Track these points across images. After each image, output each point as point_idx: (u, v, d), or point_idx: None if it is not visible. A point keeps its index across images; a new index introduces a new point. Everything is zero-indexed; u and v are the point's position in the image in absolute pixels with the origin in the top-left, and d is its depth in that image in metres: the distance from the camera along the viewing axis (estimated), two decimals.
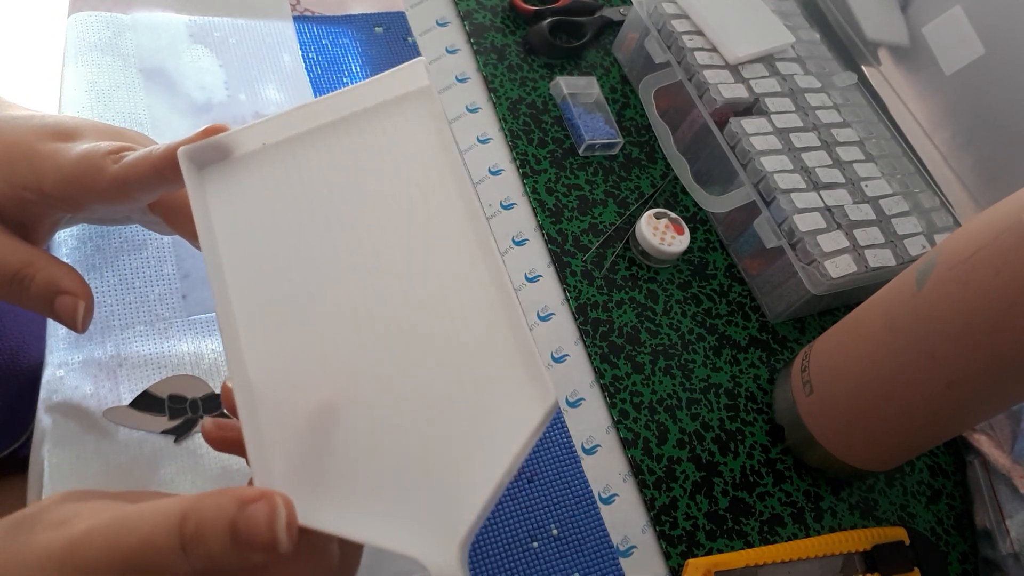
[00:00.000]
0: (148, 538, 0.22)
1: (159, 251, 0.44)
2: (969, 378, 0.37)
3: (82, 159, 0.32)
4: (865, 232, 0.51)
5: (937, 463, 0.51)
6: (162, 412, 0.39)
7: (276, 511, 0.22)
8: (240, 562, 0.22)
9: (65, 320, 0.33)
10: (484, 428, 0.25)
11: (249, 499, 0.22)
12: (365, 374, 0.26)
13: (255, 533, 0.22)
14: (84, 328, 0.34)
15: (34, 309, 0.34)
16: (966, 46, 0.59)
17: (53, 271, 0.33)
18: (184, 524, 0.22)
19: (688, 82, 0.57)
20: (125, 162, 0.32)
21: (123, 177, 0.31)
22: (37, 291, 0.32)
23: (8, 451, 0.53)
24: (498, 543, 0.40)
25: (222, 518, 0.22)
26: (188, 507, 0.22)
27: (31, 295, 0.33)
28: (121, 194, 0.32)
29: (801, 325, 0.54)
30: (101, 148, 0.32)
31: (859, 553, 0.44)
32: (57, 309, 0.33)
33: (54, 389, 0.38)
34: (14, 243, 0.32)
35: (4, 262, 0.32)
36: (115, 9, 0.53)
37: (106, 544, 0.22)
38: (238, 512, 0.22)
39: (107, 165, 0.32)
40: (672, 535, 0.43)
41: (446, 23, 0.62)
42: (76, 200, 0.32)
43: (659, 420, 0.47)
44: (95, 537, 0.22)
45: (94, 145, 0.33)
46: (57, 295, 0.33)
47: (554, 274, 0.51)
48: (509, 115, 0.57)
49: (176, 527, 0.22)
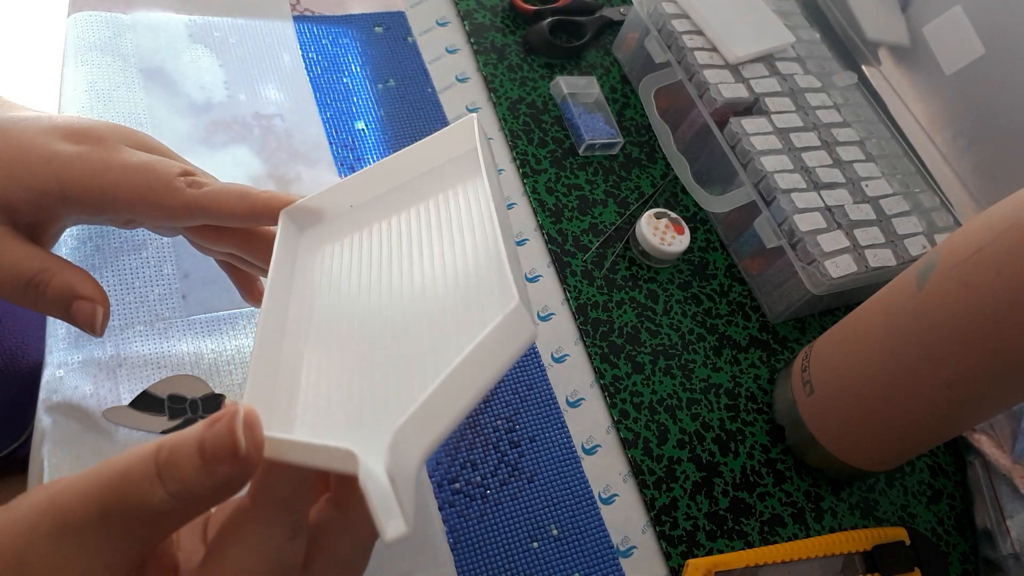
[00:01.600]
0: (123, 471, 0.22)
1: (159, 251, 0.44)
2: (969, 378, 0.37)
3: (147, 172, 0.32)
4: (865, 232, 0.51)
5: (937, 463, 0.51)
6: (162, 412, 0.39)
7: (235, 416, 0.22)
8: (211, 480, 0.22)
9: (82, 325, 0.34)
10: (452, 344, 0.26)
11: (215, 419, 0.23)
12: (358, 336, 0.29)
13: (219, 443, 0.22)
14: (102, 332, 0.34)
15: (50, 313, 0.34)
16: (966, 46, 0.59)
17: (68, 276, 0.33)
18: (158, 452, 0.22)
19: (688, 82, 0.57)
20: (209, 191, 0.33)
21: (203, 205, 0.33)
22: (53, 296, 0.33)
23: (8, 451, 0.53)
24: (498, 543, 0.40)
25: (192, 438, 0.22)
26: (164, 438, 0.22)
27: (47, 300, 0.33)
28: (189, 218, 0.33)
29: (801, 325, 0.54)
30: (172, 168, 0.33)
31: (859, 553, 0.44)
32: (74, 314, 0.33)
33: (54, 389, 0.38)
34: (28, 248, 0.32)
35: (19, 268, 0.32)
36: (115, 9, 0.53)
37: (85, 485, 0.22)
38: (205, 430, 0.22)
39: (182, 187, 0.33)
40: (672, 535, 0.43)
41: (446, 23, 0.62)
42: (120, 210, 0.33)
43: (659, 420, 0.47)
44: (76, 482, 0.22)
45: (158, 159, 0.33)
46: (73, 300, 0.33)
47: (554, 274, 0.51)
48: (509, 115, 0.57)
49: (151, 456, 0.22)
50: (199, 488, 0.22)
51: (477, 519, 0.41)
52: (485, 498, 0.41)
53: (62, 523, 0.21)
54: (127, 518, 0.22)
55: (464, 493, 0.41)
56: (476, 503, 0.41)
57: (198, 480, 0.22)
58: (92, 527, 0.22)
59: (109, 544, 0.22)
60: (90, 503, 0.22)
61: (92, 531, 0.22)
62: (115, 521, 0.22)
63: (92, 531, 0.22)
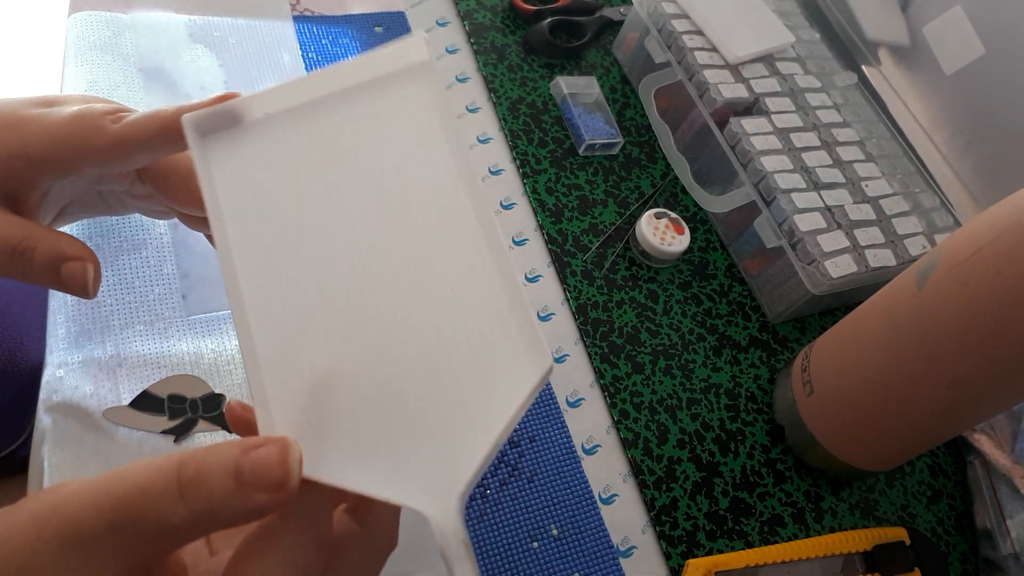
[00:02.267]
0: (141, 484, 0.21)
1: (159, 251, 0.44)
2: (969, 378, 0.37)
3: (77, 117, 0.31)
4: (865, 232, 0.51)
5: (937, 463, 0.51)
6: (162, 412, 0.39)
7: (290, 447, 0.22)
8: (244, 505, 0.21)
9: (74, 287, 0.33)
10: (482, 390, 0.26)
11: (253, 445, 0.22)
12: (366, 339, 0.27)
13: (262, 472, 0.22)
14: (94, 293, 0.33)
15: (39, 282, 0.33)
16: (966, 46, 0.59)
17: (54, 239, 0.32)
18: (182, 468, 0.21)
19: (688, 82, 0.57)
20: (127, 121, 0.31)
21: (125, 136, 0.31)
22: (41, 261, 0.32)
23: (8, 451, 0.53)
24: (498, 543, 0.40)
25: (225, 459, 0.22)
26: (186, 455, 0.22)
27: (34, 267, 0.32)
28: (120, 154, 0.32)
29: (801, 325, 0.54)
30: (97, 108, 0.32)
31: (859, 553, 0.44)
32: (64, 277, 0.32)
33: (54, 389, 0.38)
34: (10, 217, 0.32)
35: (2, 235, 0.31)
36: (115, 9, 0.53)
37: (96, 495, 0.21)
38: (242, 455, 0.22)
39: (106, 124, 0.31)
40: (672, 535, 0.43)
41: (446, 23, 0.62)
42: (68, 162, 0.32)
43: (659, 420, 0.47)
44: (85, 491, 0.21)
45: (89, 105, 0.32)
46: (63, 262, 0.32)
47: (554, 274, 0.51)
48: (509, 115, 0.57)
49: (173, 471, 0.21)
50: (227, 512, 0.21)
51: (477, 519, 0.41)
52: (485, 498, 0.41)
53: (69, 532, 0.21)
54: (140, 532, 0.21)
55: None
56: (476, 503, 0.41)
57: (228, 504, 0.21)
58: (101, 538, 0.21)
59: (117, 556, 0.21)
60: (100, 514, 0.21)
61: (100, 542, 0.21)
62: (127, 534, 0.21)
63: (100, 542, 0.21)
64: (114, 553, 0.21)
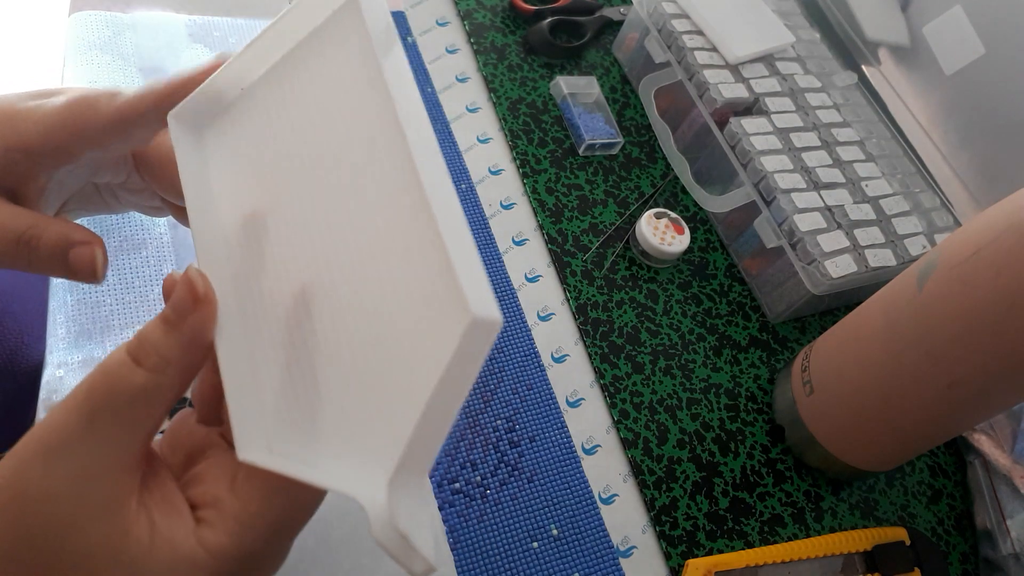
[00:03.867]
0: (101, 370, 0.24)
1: (159, 251, 0.44)
2: (969, 378, 0.37)
3: (72, 102, 0.31)
4: (865, 232, 0.51)
5: (937, 463, 0.51)
6: None
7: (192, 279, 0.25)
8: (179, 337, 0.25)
9: (83, 272, 0.32)
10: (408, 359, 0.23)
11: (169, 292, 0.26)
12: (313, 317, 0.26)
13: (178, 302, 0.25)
14: (103, 276, 0.33)
15: (46, 270, 0.33)
16: (966, 46, 0.59)
17: (60, 226, 0.32)
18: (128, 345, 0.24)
19: (688, 82, 0.57)
20: (124, 98, 0.31)
21: (124, 112, 0.31)
22: (47, 248, 0.32)
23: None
24: (498, 543, 0.40)
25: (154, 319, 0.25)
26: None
27: (41, 255, 0.32)
28: (118, 131, 0.32)
29: (801, 325, 0.54)
30: (92, 91, 0.32)
31: (859, 553, 0.44)
32: (72, 262, 0.32)
33: (54, 389, 0.38)
34: (13, 207, 0.32)
35: (6, 227, 0.31)
36: (115, 8, 0.53)
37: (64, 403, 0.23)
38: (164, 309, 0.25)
39: (102, 104, 0.31)
40: (672, 535, 0.43)
41: (446, 23, 0.62)
42: (66, 147, 0.32)
43: (659, 420, 0.47)
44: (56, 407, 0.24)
45: (85, 89, 0.32)
46: (70, 248, 0.32)
47: (554, 274, 0.51)
48: (509, 115, 0.57)
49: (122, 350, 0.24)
50: (171, 351, 0.24)
51: (477, 519, 0.41)
52: (485, 498, 0.41)
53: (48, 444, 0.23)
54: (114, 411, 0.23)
55: (464, 493, 0.41)
56: (476, 503, 0.41)
57: (168, 344, 0.24)
58: (78, 436, 0.23)
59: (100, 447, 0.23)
60: (71, 414, 0.23)
61: (79, 440, 0.23)
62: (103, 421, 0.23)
63: (79, 440, 0.23)
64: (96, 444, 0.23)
